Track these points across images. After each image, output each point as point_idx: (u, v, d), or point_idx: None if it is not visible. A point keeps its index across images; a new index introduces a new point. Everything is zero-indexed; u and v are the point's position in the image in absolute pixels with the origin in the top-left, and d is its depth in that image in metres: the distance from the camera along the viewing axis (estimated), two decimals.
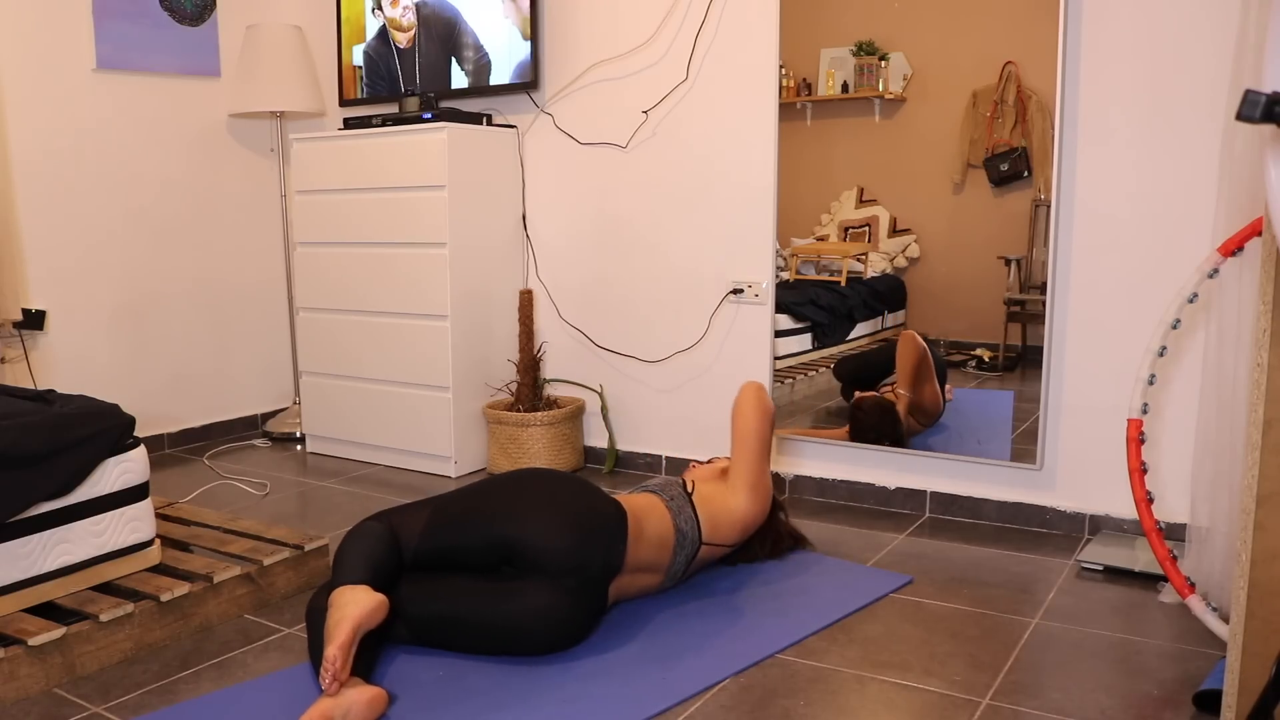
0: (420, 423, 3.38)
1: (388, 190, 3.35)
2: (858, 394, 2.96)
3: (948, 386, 2.81)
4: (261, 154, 3.97)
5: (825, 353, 3.04)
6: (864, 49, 2.82)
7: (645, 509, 2.14)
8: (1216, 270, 2.06)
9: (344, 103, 3.77)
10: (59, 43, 3.32)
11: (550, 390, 3.48)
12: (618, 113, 3.27)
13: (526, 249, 3.51)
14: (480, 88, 3.44)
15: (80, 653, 1.93)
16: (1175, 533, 2.43)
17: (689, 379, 3.25)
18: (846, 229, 2.94)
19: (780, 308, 3.03)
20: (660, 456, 3.33)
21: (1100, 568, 2.43)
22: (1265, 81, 1.11)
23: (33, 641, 1.85)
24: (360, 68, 3.72)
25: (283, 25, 3.69)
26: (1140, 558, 2.43)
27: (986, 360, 2.77)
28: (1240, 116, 1.02)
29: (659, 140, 3.20)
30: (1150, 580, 2.35)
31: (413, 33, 3.56)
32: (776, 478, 3.10)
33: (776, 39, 2.92)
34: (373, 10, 3.64)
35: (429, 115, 3.26)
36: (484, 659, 1.96)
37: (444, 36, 3.50)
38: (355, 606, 1.78)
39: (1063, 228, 2.60)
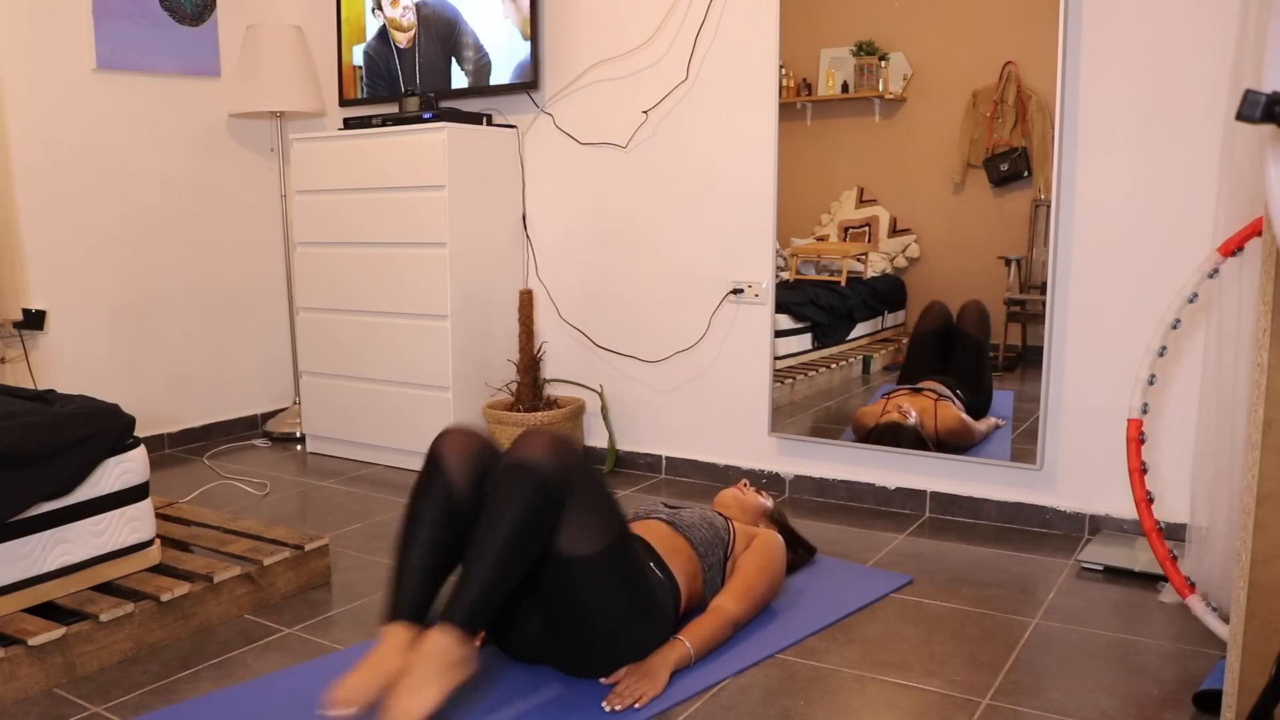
0: (420, 423, 3.38)
1: (388, 190, 3.34)
2: (876, 423, 2.89)
3: (993, 420, 2.78)
4: (261, 154, 3.96)
5: (825, 353, 3.04)
6: (864, 49, 2.82)
7: (690, 578, 2.02)
8: (1216, 270, 2.06)
9: (344, 103, 3.77)
10: (59, 43, 3.32)
11: (550, 390, 3.48)
12: (618, 113, 3.26)
13: (526, 249, 3.51)
14: (480, 88, 3.44)
15: (80, 653, 1.93)
16: (1175, 533, 2.43)
17: (689, 379, 3.25)
18: (846, 229, 2.94)
19: (780, 308, 3.03)
20: (660, 456, 3.33)
21: (1100, 568, 2.43)
22: (1265, 81, 1.11)
23: (33, 641, 1.85)
24: (360, 68, 3.72)
25: (283, 25, 3.69)
26: (1140, 558, 2.43)
27: None
28: (1240, 116, 1.02)
29: (659, 140, 3.20)
30: (1150, 580, 2.35)
31: (413, 33, 3.56)
32: (775, 478, 3.10)
33: (776, 39, 2.92)
34: (373, 10, 3.64)
35: (429, 115, 3.26)
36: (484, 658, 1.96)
37: (444, 36, 3.49)
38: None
39: (1063, 228, 2.60)
